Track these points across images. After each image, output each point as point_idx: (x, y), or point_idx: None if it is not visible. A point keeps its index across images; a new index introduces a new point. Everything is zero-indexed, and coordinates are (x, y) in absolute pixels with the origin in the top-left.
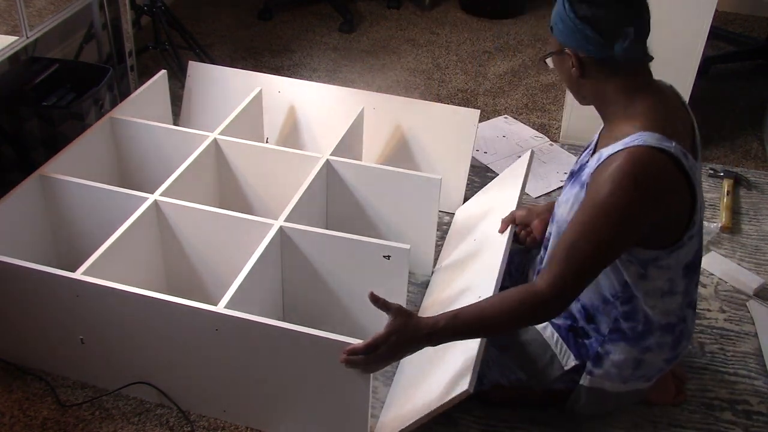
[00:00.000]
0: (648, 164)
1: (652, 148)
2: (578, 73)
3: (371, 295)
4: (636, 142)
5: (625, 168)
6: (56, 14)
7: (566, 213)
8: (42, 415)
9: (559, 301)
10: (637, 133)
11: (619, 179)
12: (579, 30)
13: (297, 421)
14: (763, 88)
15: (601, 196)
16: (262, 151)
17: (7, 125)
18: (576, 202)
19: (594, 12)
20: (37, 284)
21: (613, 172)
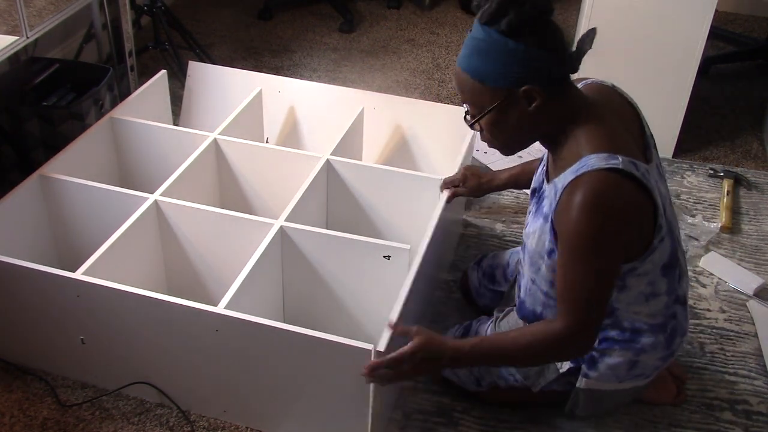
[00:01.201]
0: (604, 190)
1: (601, 171)
2: (539, 105)
3: (390, 325)
4: (584, 169)
5: (587, 202)
6: (56, 14)
7: (535, 244)
8: (42, 415)
9: (583, 337)
10: (583, 158)
11: (587, 216)
12: (535, 58)
13: (297, 421)
14: (763, 88)
15: (579, 238)
16: (262, 151)
17: (7, 125)
18: (543, 234)
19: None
20: (37, 284)
21: (578, 209)
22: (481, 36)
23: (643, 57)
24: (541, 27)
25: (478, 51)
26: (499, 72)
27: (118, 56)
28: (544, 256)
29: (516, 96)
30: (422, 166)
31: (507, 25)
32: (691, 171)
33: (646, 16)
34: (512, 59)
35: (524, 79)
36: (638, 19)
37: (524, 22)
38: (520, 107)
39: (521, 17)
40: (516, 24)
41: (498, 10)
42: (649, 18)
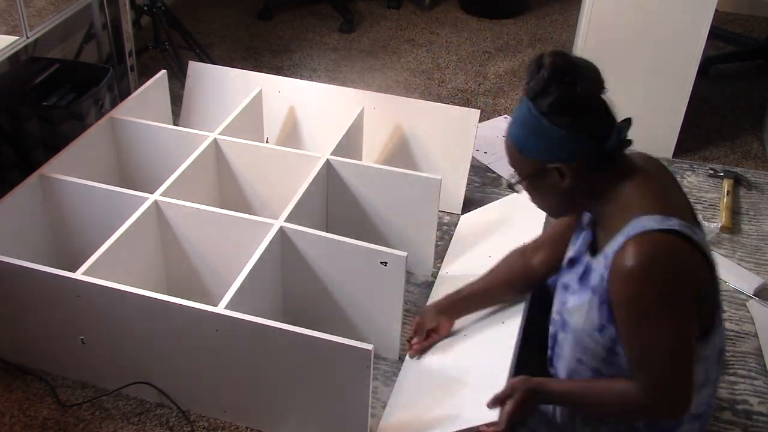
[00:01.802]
0: (659, 253)
1: (656, 232)
2: (571, 182)
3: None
4: (636, 231)
5: (643, 265)
6: (56, 14)
7: (582, 322)
8: (42, 415)
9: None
10: (633, 221)
11: (646, 277)
12: (567, 140)
13: (297, 421)
14: (763, 88)
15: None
16: (262, 151)
17: (7, 125)
18: (591, 310)
19: (580, 118)
20: (37, 284)
21: (635, 273)
22: (524, 109)
23: (643, 57)
24: (582, 112)
25: (520, 122)
26: (534, 146)
27: (118, 56)
28: (594, 334)
29: (548, 170)
30: (422, 166)
31: (547, 106)
32: (691, 171)
33: (646, 16)
34: (546, 138)
35: (555, 158)
36: (638, 19)
37: (564, 106)
38: (552, 181)
39: (561, 102)
40: (555, 106)
41: (543, 89)
42: (649, 18)
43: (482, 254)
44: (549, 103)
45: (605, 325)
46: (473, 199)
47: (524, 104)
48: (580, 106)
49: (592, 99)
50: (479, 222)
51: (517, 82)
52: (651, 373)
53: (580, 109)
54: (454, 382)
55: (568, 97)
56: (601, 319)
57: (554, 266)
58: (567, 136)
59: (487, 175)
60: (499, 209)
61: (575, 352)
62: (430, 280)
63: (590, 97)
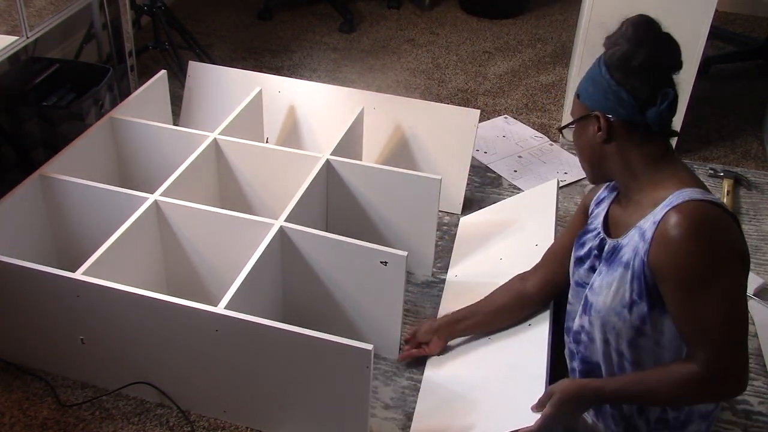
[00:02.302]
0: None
1: (701, 201)
2: (604, 136)
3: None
4: (680, 200)
5: (693, 228)
6: (56, 14)
7: (611, 299)
8: (42, 415)
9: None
10: (675, 193)
11: (697, 242)
12: (613, 92)
13: (297, 421)
14: (763, 88)
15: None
16: (262, 151)
17: (7, 125)
18: (622, 285)
19: (630, 77)
20: (37, 284)
21: (685, 238)
22: (595, 59)
23: None
24: (638, 72)
25: (588, 70)
26: (588, 92)
27: (118, 56)
28: (622, 311)
29: (590, 118)
30: (422, 166)
31: (609, 55)
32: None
33: None
34: (598, 85)
35: (599, 107)
36: None
37: (623, 60)
38: (591, 130)
39: (623, 55)
40: (616, 58)
41: (615, 41)
42: None
43: (491, 257)
44: (612, 53)
45: (636, 300)
46: (473, 199)
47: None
48: (639, 67)
49: (652, 68)
50: (481, 223)
51: (517, 82)
52: (712, 343)
53: (637, 70)
54: (485, 388)
55: (631, 55)
56: (631, 293)
57: (551, 287)
58: (613, 89)
59: (487, 175)
60: (499, 211)
61: (603, 333)
62: (430, 280)
63: (651, 66)
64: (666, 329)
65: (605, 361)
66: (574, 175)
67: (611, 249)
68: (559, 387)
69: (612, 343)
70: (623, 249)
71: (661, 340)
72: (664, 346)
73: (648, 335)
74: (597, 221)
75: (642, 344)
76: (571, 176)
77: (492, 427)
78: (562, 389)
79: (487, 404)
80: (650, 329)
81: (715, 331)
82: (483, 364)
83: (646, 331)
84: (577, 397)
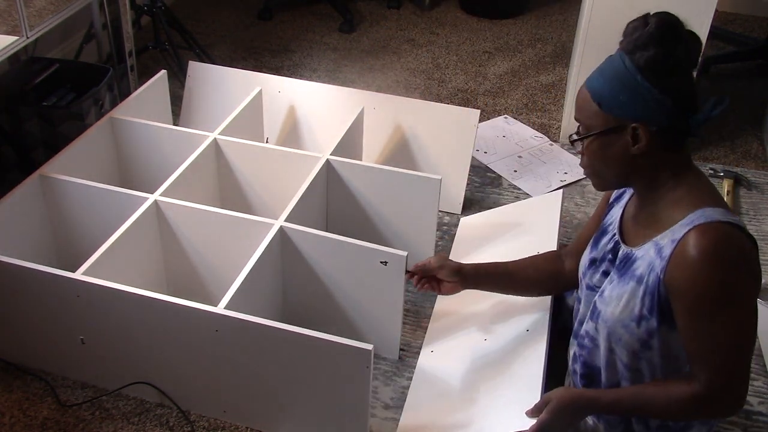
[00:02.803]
0: (729, 241)
1: (722, 223)
2: (644, 149)
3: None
4: (701, 220)
5: (713, 252)
6: (56, 14)
7: (619, 312)
8: (42, 415)
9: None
10: (698, 210)
11: (715, 266)
12: (655, 100)
13: (297, 421)
14: (763, 88)
15: (707, 291)
16: (262, 151)
17: (7, 125)
18: (633, 299)
19: (673, 81)
20: (37, 284)
21: (703, 261)
22: (618, 62)
23: None
24: (677, 76)
25: (609, 75)
26: (618, 101)
27: (118, 56)
28: (630, 324)
29: (624, 130)
30: (422, 166)
31: (644, 60)
32: None
33: None
34: (634, 93)
35: (637, 117)
36: None
37: (663, 64)
38: (623, 142)
39: (661, 58)
40: (653, 62)
41: (644, 44)
42: None
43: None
44: (647, 58)
45: (646, 315)
46: (473, 199)
47: (618, 58)
48: (677, 69)
49: (688, 67)
50: (481, 225)
51: (517, 82)
52: (715, 365)
53: (676, 72)
54: (479, 387)
55: (668, 57)
56: (642, 309)
57: None
58: (659, 97)
59: (487, 175)
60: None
61: (607, 342)
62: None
63: (687, 65)
64: (673, 345)
65: (606, 369)
66: (574, 175)
67: (624, 257)
68: (555, 395)
69: (616, 352)
70: (637, 261)
71: (666, 354)
72: (668, 360)
73: (654, 349)
74: (613, 221)
75: (646, 357)
76: (571, 176)
77: (485, 427)
78: (559, 397)
79: (480, 403)
80: (656, 343)
81: (722, 354)
82: (479, 362)
83: (653, 345)
84: (572, 407)
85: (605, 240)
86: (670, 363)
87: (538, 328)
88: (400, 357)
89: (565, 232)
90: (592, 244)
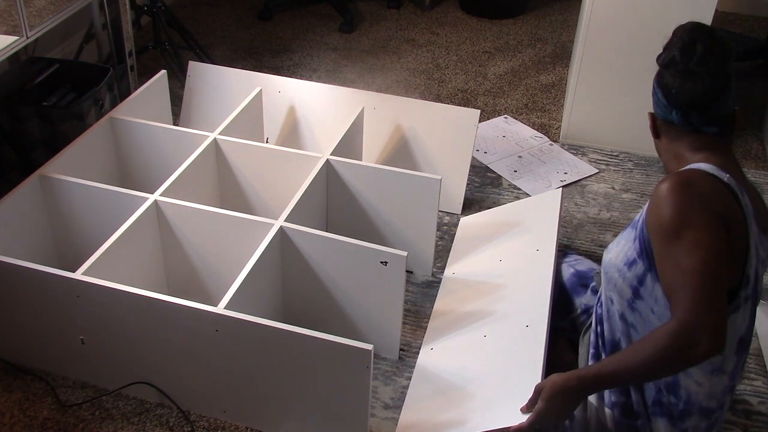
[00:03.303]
0: (695, 180)
1: (702, 171)
2: (653, 134)
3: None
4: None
5: (673, 186)
6: (56, 14)
7: (615, 255)
8: (42, 415)
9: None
10: (692, 165)
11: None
12: (654, 92)
13: (297, 421)
14: (763, 88)
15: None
16: (262, 151)
17: (7, 125)
18: (627, 242)
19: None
20: (37, 284)
21: (664, 195)
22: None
23: (643, 57)
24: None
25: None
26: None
27: (118, 56)
28: (623, 268)
29: (654, 123)
30: (422, 166)
31: (661, 59)
32: None
33: (646, 16)
34: (653, 91)
35: (657, 112)
36: (638, 19)
37: (666, 62)
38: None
39: (666, 58)
40: (661, 61)
41: (667, 45)
42: (649, 18)
43: (491, 257)
44: (662, 59)
45: (636, 259)
46: (473, 199)
47: None
48: (679, 71)
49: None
50: (481, 224)
51: (517, 82)
52: (682, 297)
53: (677, 73)
54: (478, 382)
55: (671, 59)
56: (632, 252)
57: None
58: (655, 89)
59: (487, 175)
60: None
61: (607, 290)
62: (430, 280)
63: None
64: (660, 297)
65: (607, 320)
66: (574, 175)
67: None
68: (548, 382)
69: (613, 300)
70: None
71: (655, 309)
72: (657, 315)
73: (644, 299)
74: None
75: (639, 308)
76: (571, 176)
77: (484, 422)
78: (551, 384)
79: (480, 398)
80: (645, 292)
81: (686, 284)
82: (478, 358)
83: (643, 294)
84: (564, 389)
85: None
86: (660, 319)
87: (538, 324)
88: (400, 357)
89: (565, 231)
90: None
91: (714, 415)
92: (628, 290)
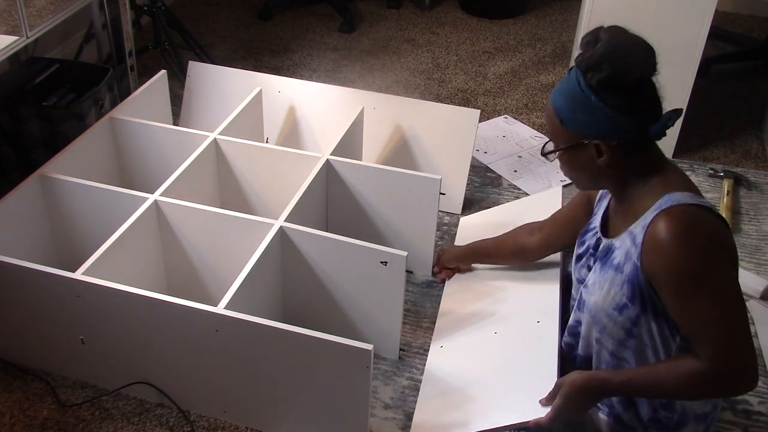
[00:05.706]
0: (697, 221)
1: (690, 205)
2: (607, 161)
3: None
4: (669, 203)
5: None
6: (56, 14)
7: (602, 300)
8: (42, 415)
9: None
10: (666, 196)
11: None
12: (611, 119)
13: (297, 421)
14: (763, 88)
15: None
16: (262, 151)
17: (7, 125)
18: (613, 287)
19: (628, 98)
20: (37, 284)
21: (674, 241)
22: (573, 80)
23: None
24: (632, 92)
25: (566, 93)
26: (577, 119)
27: (118, 56)
28: (613, 313)
29: (586, 145)
30: (422, 166)
31: (597, 81)
32: (691, 171)
33: (646, 16)
34: (591, 113)
35: (597, 134)
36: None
37: (614, 84)
38: (588, 155)
39: (613, 80)
40: (605, 84)
41: (596, 64)
42: (649, 18)
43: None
44: (600, 79)
45: (627, 303)
46: (473, 199)
47: (574, 75)
48: (631, 86)
49: (643, 81)
50: (481, 224)
51: (517, 82)
52: (714, 341)
53: (630, 89)
54: (492, 381)
55: (621, 76)
56: (622, 297)
57: (548, 247)
58: (613, 115)
59: (487, 175)
60: (501, 213)
61: (594, 331)
62: (430, 280)
63: (642, 79)
64: (655, 333)
65: (593, 357)
66: None
67: (605, 249)
68: (568, 379)
69: (602, 341)
70: (615, 251)
71: (649, 343)
72: (652, 349)
73: (636, 337)
74: (596, 220)
75: (631, 345)
76: None
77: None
78: (571, 381)
79: (494, 397)
80: (639, 332)
81: (715, 328)
82: (490, 354)
83: (635, 333)
84: (584, 389)
85: (589, 236)
86: (654, 353)
87: (550, 319)
88: (400, 357)
89: None
90: (577, 243)
91: (709, 417)
92: (621, 331)
